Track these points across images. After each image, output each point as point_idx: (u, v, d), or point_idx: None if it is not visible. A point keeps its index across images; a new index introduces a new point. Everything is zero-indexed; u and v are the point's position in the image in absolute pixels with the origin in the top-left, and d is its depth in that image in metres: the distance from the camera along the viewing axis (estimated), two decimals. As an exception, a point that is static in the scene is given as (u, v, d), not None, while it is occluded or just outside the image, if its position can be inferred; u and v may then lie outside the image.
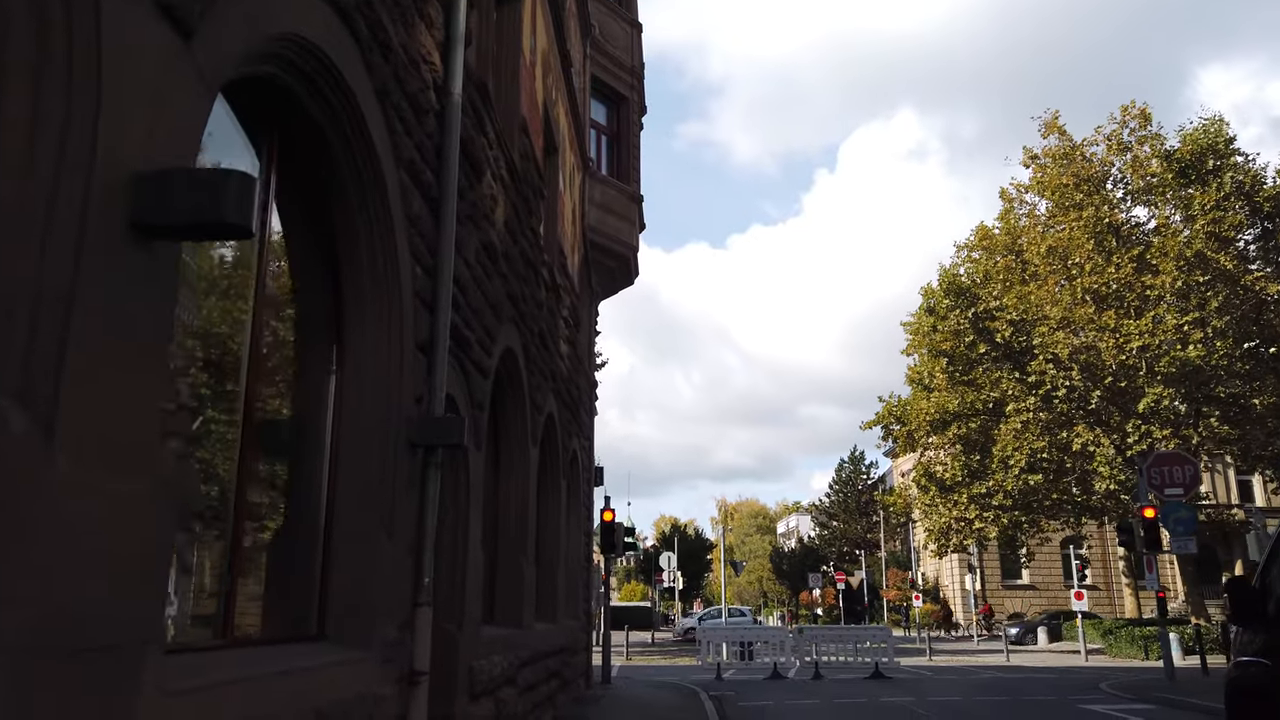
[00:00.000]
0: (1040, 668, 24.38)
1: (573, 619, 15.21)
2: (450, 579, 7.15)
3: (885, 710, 13.78)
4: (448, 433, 5.65)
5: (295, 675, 4.27)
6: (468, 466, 7.33)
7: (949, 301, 31.03)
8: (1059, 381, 28.55)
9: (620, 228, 17.96)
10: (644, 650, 33.39)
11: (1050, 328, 29.07)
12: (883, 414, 34.63)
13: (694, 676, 20.45)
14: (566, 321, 13.58)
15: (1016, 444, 29.56)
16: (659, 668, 24.60)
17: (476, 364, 7.53)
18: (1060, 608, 53.79)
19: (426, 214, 5.94)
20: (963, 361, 32.27)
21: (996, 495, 30.93)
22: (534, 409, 10.66)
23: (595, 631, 21.74)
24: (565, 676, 13.29)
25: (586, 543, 16.97)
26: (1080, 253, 29.20)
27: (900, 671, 20.34)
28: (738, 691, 17.12)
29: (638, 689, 16.81)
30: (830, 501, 68.21)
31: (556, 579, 12.90)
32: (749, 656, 20.10)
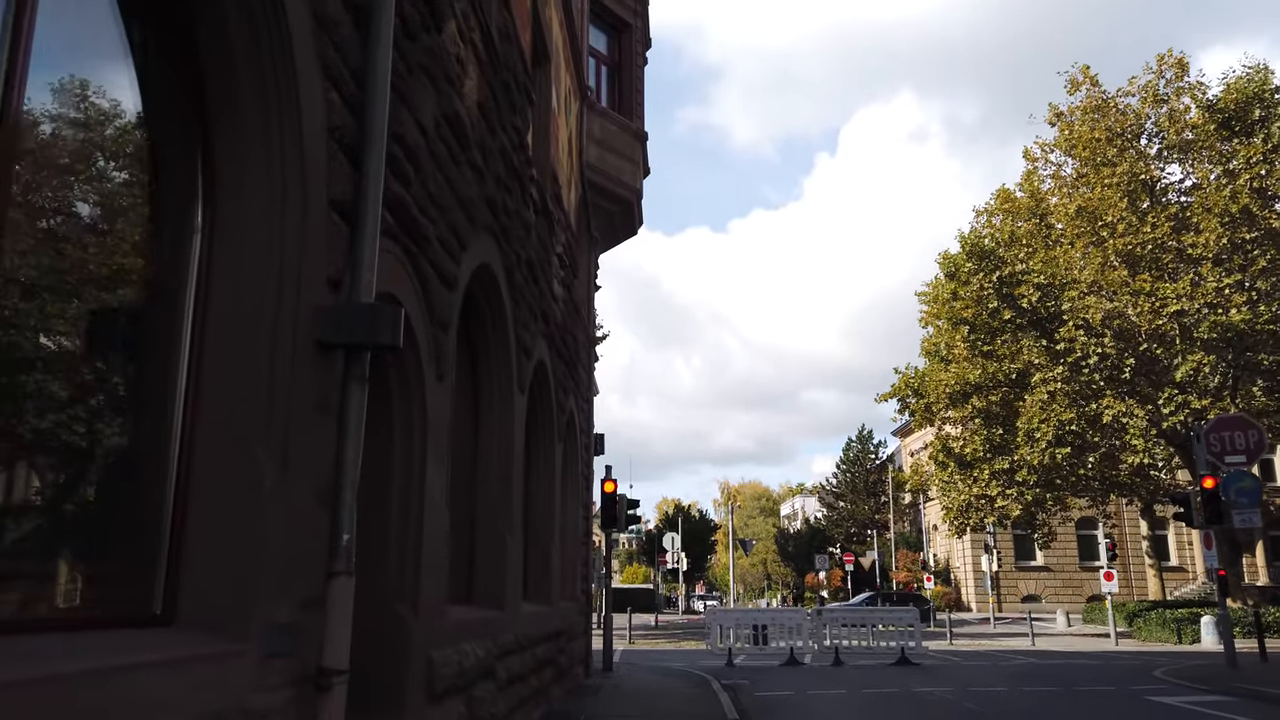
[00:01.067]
0: (1073, 653, 22.77)
1: (570, 600, 13.56)
2: (401, 545, 5.46)
3: (926, 704, 12.13)
4: (373, 327, 3.94)
5: (111, 677, 2.59)
6: (424, 398, 5.62)
7: (972, 265, 29.21)
8: (1090, 349, 26.79)
9: (622, 168, 16.18)
10: (648, 634, 31.83)
11: (1080, 292, 27.30)
12: (899, 386, 32.92)
13: (703, 663, 18.83)
14: (561, 260, 11.85)
15: (1043, 416, 27.83)
16: (664, 652, 23.01)
17: (438, 268, 5.81)
18: (1075, 590, 52.37)
19: (347, 21, 4.19)
20: (985, 330, 30.52)
21: (1020, 471, 29.24)
22: (521, 350, 8.95)
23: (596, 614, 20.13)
24: (561, 665, 11.64)
25: (585, 517, 15.30)
26: (1113, 212, 27.36)
27: (927, 657, 18.72)
28: (752, 680, 15.49)
29: (642, 677, 15.19)
30: (837, 482, 66.62)
31: (550, 554, 11.23)
32: (763, 641, 18.49)
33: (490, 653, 7.33)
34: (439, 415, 5.95)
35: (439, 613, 5.87)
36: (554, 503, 11.50)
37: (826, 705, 12.19)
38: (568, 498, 13.95)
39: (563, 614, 12.12)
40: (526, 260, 9.12)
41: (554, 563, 11.35)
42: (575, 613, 13.75)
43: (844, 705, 12.15)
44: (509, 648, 8.15)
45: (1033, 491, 29.74)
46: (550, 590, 11.10)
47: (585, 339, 15.45)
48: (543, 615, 10.34)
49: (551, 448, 11.46)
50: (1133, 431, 26.59)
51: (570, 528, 14.00)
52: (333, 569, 3.85)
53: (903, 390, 32.69)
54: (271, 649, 3.45)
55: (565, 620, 12.29)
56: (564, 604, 12.65)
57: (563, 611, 12.16)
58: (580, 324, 14.49)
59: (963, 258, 29.59)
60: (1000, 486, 29.90)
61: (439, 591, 5.89)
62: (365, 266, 4.14)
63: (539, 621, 10.02)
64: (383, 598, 5.29)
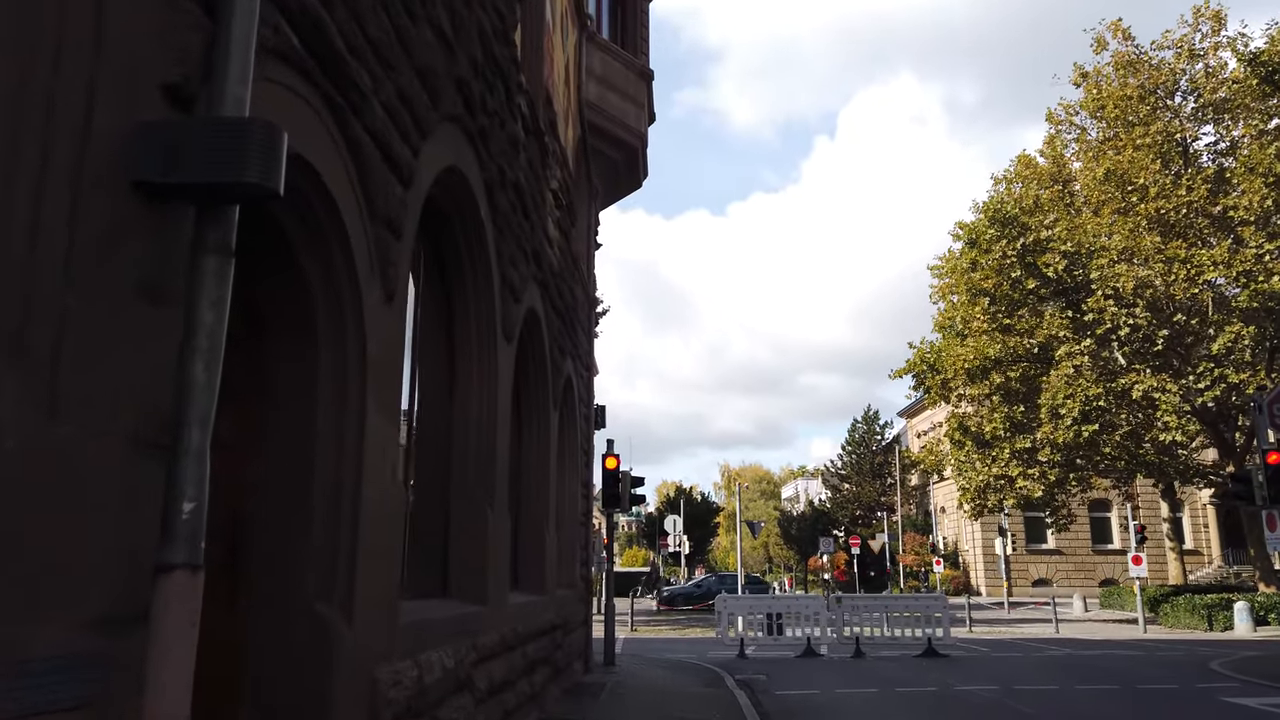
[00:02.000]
0: (1106, 642, 21.34)
1: (568, 588, 12.08)
2: (328, 524, 3.92)
3: (975, 708, 10.65)
4: (236, 157, 2.37)
5: None
6: (362, 322, 4.07)
7: (994, 232, 27.56)
8: (1120, 320, 25.22)
9: (625, 110, 14.56)
10: (650, 619, 30.45)
11: (1110, 260, 25.69)
12: (914, 361, 31.37)
13: (712, 654, 17.40)
14: (557, 199, 10.26)
15: (1068, 391, 26.28)
16: (668, 642, 21.59)
17: (383, 145, 4.24)
18: (1088, 573, 51.04)
19: None
20: (1005, 302, 28.93)
21: (1043, 450, 27.74)
22: (507, 289, 7.40)
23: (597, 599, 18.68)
24: (557, 662, 10.16)
25: (585, 495, 13.80)
26: (1144, 175, 25.73)
27: (954, 648, 17.27)
28: (769, 675, 14.04)
29: (648, 672, 13.74)
30: (842, 463, 65.22)
31: (545, 536, 9.72)
32: (777, 630, 17.04)
33: (466, 659, 5.83)
34: (387, 350, 4.41)
35: (386, 614, 4.35)
36: (548, 477, 9.99)
37: (860, 709, 10.72)
38: (565, 473, 12.45)
39: (559, 604, 10.64)
40: (514, 183, 7.55)
41: (549, 545, 9.85)
42: (574, 601, 12.28)
43: (881, 710, 10.67)
44: (492, 650, 6.65)
45: (1055, 471, 28.26)
46: (544, 577, 9.60)
47: (585, 299, 13.90)
48: (535, 607, 8.85)
49: (546, 413, 9.93)
50: (1164, 408, 25.04)
51: (568, 506, 12.51)
52: (164, 560, 2.31)
53: (918, 366, 31.13)
54: (27, 706, 1.92)
55: (562, 611, 10.80)
56: (561, 592, 11.17)
57: (559, 601, 10.68)
58: (579, 280, 12.93)
59: (984, 224, 27.94)
60: (1021, 466, 28.41)
61: (387, 586, 4.37)
62: (234, 77, 2.57)
63: (530, 615, 8.52)
64: (300, 598, 3.77)
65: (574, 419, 12.77)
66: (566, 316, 11.45)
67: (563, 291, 10.92)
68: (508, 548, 7.48)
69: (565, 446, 12.51)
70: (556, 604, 10.38)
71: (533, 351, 9.32)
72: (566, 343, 11.46)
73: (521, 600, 8.34)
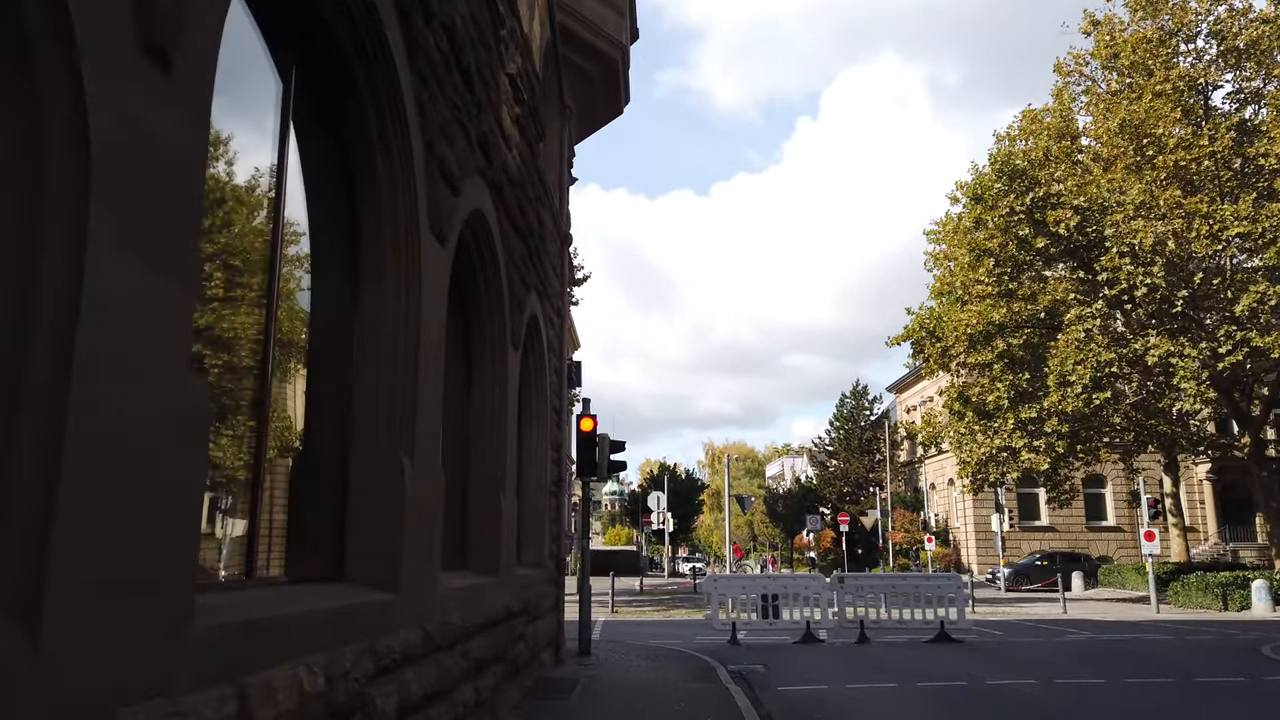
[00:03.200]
0: (1124, 624, 19.77)
1: (534, 567, 10.26)
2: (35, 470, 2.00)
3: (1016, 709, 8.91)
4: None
5: None
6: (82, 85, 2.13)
7: (1001, 186, 25.74)
8: (1136, 279, 23.52)
9: (603, 15, 12.60)
10: (631, 600, 28.73)
11: (1126, 215, 23.95)
12: (912, 327, 29.63)
13: (700, 639, 15.66)
14: (516, 89, 8.30)
15: (1078, 357, 24.61)
16: (652, 625, 19.84)
17: None
18: (1082, 550, 49.77)
19: None
20: (1010, 264, 27.19)
21: (1050, 420, 26.11)
22: (435, 167, 5.48)
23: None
24: (517, 657, 8.33)
25: (556, 460, 11.94)
26: (1163, 125, 23.97)
27: (965, 631, 15.58)
28: (767, 664, 12.30)
29: (629, 662, 11.95)
30: (830, 439, 63.70)
31: (500, 504, 7.85)
32: (773, 614, 15.29)
33: (355, 672, 3.96)
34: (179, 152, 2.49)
35: (179, 611, 2.47)
36: (506, 429, 8.10)
37: (883, 712, 8.95)
38: (530, 430, 10.59)
39: (521, 586, 8.80)
40: (446, 25, 5.60)
41: (506, 515, 7.98)
42: (541, 583, 10.45)
43: (909, 713, 8.91)
44: (408, 652, 4.79)
45: (1061, 444, 26.64)
46: (499, 554, 7.74)
47: (556, 233, 11.97)
48: (484, 591, 6.99)
49: (502, 350, 8.03)
50: (1182, 374, 23.42)
51: (534, 469, 10.67)
52: None
53: (916, 332, 29.39)
54: None
55: (525, 594, 8.97)
56: (524, 572, 9.34)
57: (522, 583, 8.84)
58: (548, 207, 10.99)
59: (991, 178, 26.11)
60: (1026, 438, 26.78)
61: (184, 565, 2.50)
62: None
63: (477, 601, 6.67)
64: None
65: (542, 369, 10.88)
66: (531, 242, 9.53)
67: (524, 208, 8.99)
68: (438, 514, 5.60)
69: (531, 398, 10.65)
70: (517, 586, 8.54)
71: (482, 268, 7.41)
72: (531, 274, 9.55)
73: (463, 584, 6.48)
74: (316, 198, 4.63)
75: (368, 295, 5.00)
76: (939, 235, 31.28)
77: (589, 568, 12.86)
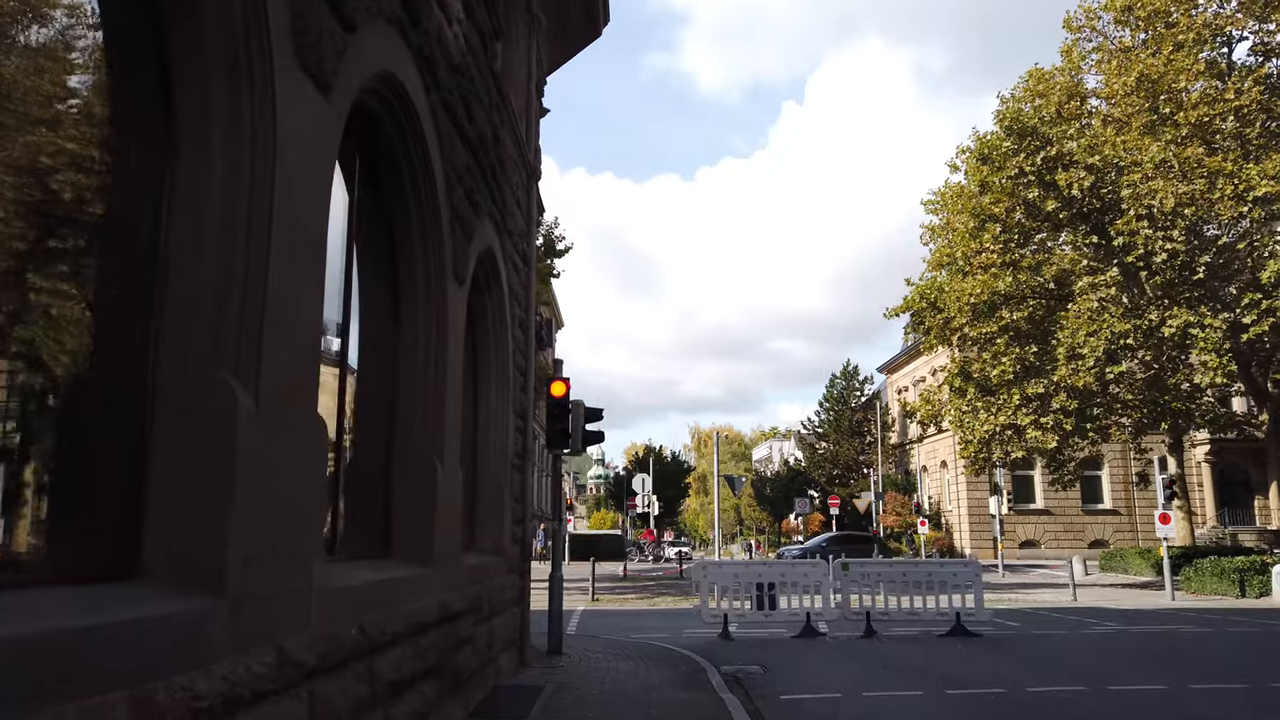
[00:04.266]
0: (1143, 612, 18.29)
1: (491, 554, 8.58)
2: None
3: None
4: None
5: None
6: None
7: (1010, 145, 24.06)
8: (1155, 244, 21.95)
9: (578, -89, 10.78)
10: (614, 587, 27.08)
11: (1144, 175, 22.35)
12: (912, 298, 27.99)
13: (689, 631, 14.05)
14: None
15: (1091, 328, 23.06)
16: (635, 615, 18.21)
17: None
18: (1077, 534, 48.59)
19: None
20: (1018, 230, 25.60)
21: (1058, 396, 24.58)
22: None
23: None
24: (460, 668, 6.63)
25: (520, 429, 10.21)
26: (1185, 78, 22.34)
27: (984, 623, 13.99)
28: (765, 665, 10.68)
29: (605, 664, 10.29)
30: (820, 421, 62.20)
31: (435, 474, 6.11)
32: (769, 604, 13.65)
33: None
34: None
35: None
36: (445, 381, 6.36)
37: None
38: (489, 389, 8.90)
39: (469, 578, 7.10)
40: None
41: (444, 489, 6.25)
42: (500, 572, 8.75)
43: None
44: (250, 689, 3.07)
45: (1070, 420, 25.13)
46: (432, 538, 6.02)
47: (520, 160, 10.19)
48: (401, 589, 5.28)
49: (438, 278, 6.28)
50: (1202, 345, 21.91)
51: (494, 437, 8.98)
52: None
53: (917, 303, 27.75)
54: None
55: (475, 588, 7.27)
56: (474, 560, 7.65)
57: (469, 574, 7.14)
58: (507, 122, 9.21)
59: (999, 137, 24.42)
60: (1032, 415, 25.25)
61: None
62: None
63: (389, 601, 4.96)
64: None
65: (502, 319, 9.15)
66: (483, 158, 7.77)
67: (473, 110, 7.22)
68: (314, 482, 3.87)
69: (490, 352, 8.94)
70: (462, 579, 6.84)
71: (406, 166, 5.66)
72: (483, 197, 7.79)
73: (371, 578, 4.76)
74: None
75: (185, 132, 3.25)
76: (937, 205, 29.66)
77: (562, 553, 11.16)
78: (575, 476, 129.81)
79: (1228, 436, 42.87)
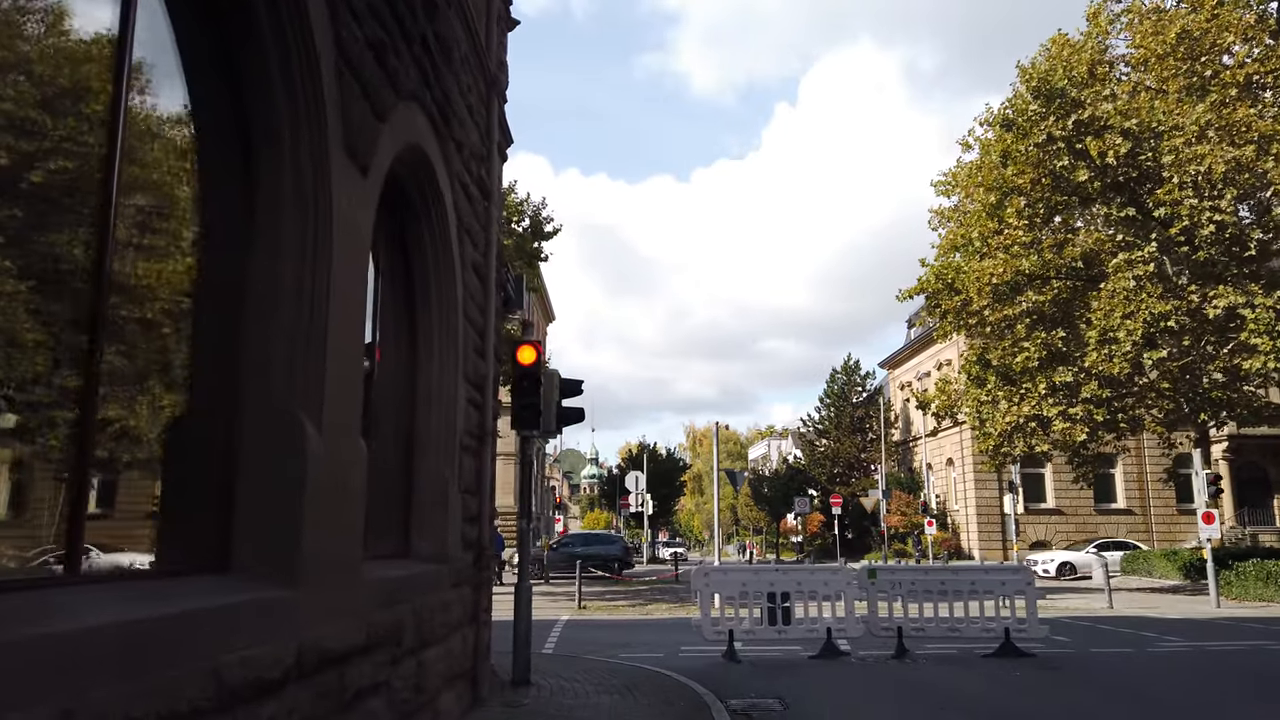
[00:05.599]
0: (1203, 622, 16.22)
1: (431, 561, 6.47)
2: None
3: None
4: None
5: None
6: None
7: (1038, 109, 21.96)
8: (1200, 215, 19.88)
9: None
10: (604, 592, 24.97)
11: (1186, 140, 20.28)
12: (927, 279, 25.87)
13: (687, 650, 11.94)
14: None
15: (1127, 309, 20.98)
16: (626, 628, 16.08)
17: None
18: (1089, 535, 46.48)
19: None
20: (1042, 205, 23.52)
21: (1088, 384, 22.51)
22: None
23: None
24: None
25: (478, 404, 8.06)
26: (1233, 33, 20.29)
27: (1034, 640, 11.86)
28: (783, 699, 8.56)
29: (584, 698, 8.17)
30: (820, 417, 60.09)
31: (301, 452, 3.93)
32: (782, 619, 11.53)
33: None
34: None
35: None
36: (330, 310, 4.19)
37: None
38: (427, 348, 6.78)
39: (376, 598, 4.95)
40: None
41: (328, 470, 4.08)
42: (438, 585, 6.59)
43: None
44: None
45: (1101, 411, 23.06)
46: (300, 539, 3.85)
47: (471, 53, 8.01)
48: (209, 625, 3.12)
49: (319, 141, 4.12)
50: (1252, 328, 19.85)
51: (435, 410, 6.86)
52: None
53: (932, 284, 25.64)
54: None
55: (383, 613, 5.11)
56: (394, 572, 5.52)
57: (375, 592, 4.99)
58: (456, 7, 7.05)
59: (1025, 101, 22.30)
60: (1060, 405, 23.16)
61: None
62: None
63: (175, 651, 2.80)
64: None
65: (446, 255, 7.01)
66: (408, 23, 5.62)
67: None
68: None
69: (426, 296, 6.81)
70: (361, 602, 4.68)
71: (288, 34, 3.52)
72: (405, 68, 5.61)
73: (136, 616, 2.62)
74: None
75: None
76: (949, 186, 27.59)
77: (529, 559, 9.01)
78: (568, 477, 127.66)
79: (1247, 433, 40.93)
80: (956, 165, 27.44)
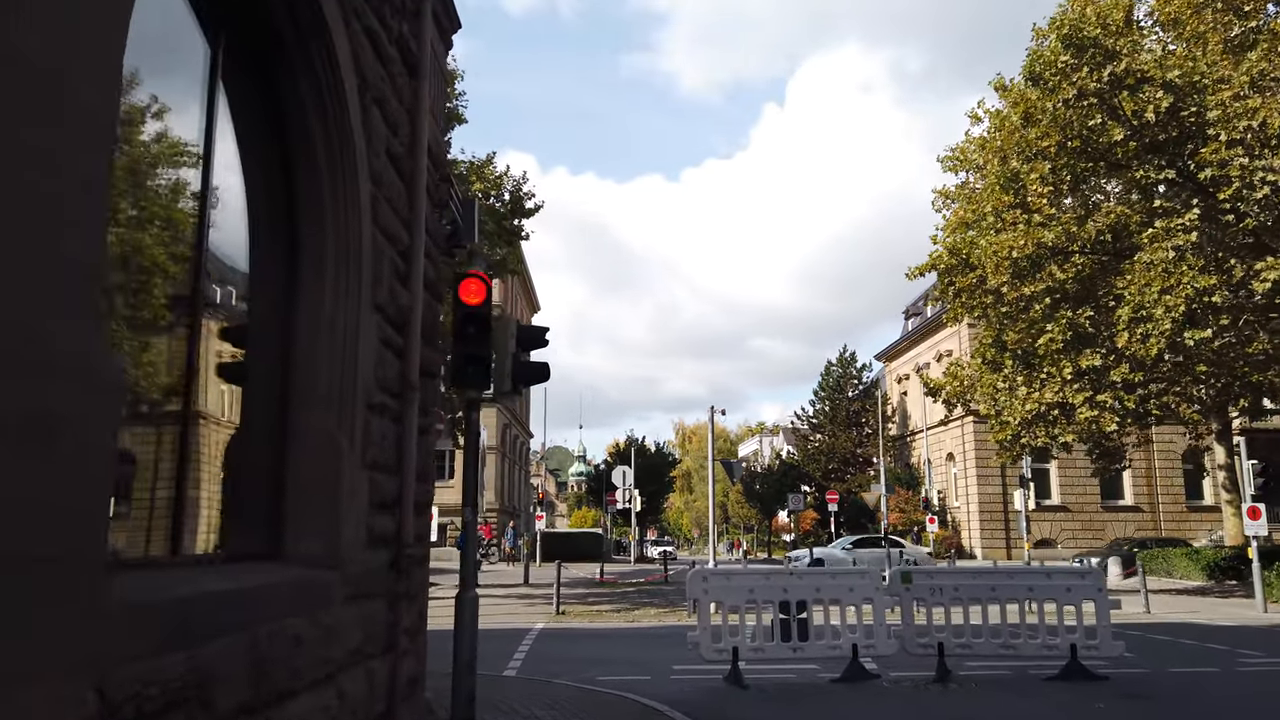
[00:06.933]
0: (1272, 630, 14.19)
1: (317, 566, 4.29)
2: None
3: None
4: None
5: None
6: None
7: (1068, 60, 19.85)
8: (1253, 176, 17.86)
9: None
10: (587, 594, 22.79)
11: (1236, 92, 18.24)
12: (940, 254, 23.80)
13: (681, 671, 9.80)
14: None
15: (1166, 284, 18.93)
16: (608, 640, 13.91)
17: None
18: (1096, 533, 44.60)
19: None
20: (1068, 171, 21.47)
21: (1119, 367, 20.47)
22: None
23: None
24: None
25: (401, 350, 5.88)
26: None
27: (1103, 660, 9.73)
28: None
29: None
30: (815, 411, 58.05)
31: None
32: (798, 633, 9.40)
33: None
34: None
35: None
36: (90, 173, 2.04)
37: None
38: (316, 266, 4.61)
39: (156, 637, 2.75)
40: None
41: None
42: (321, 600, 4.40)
43: None
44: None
45: (1134, 398, 21.03)
46: None
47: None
48: None
49: None
50: (1305, 302, 17.85)
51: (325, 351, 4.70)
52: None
53: (945, 260, 23.55)
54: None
55: (155, 662, 2.93)
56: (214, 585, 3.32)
57: (175, 617, 2.79)
58: None
59: (1054, 51, 20.18)
60: (1087, 391, 21.11)
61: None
62: None
63: None
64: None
65: (343, 132, 4.83)
66: None
67: None
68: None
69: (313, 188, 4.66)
70: (142, 633, 2.50)
71: None
72: None
73: None
74: None
75: None
76: (958, 161, 25.58)
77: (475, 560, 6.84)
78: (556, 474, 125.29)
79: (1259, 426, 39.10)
80: (965, 139, 25.48)
